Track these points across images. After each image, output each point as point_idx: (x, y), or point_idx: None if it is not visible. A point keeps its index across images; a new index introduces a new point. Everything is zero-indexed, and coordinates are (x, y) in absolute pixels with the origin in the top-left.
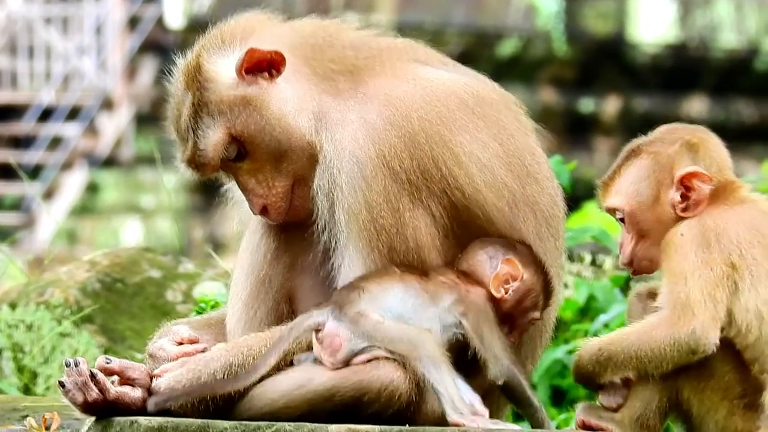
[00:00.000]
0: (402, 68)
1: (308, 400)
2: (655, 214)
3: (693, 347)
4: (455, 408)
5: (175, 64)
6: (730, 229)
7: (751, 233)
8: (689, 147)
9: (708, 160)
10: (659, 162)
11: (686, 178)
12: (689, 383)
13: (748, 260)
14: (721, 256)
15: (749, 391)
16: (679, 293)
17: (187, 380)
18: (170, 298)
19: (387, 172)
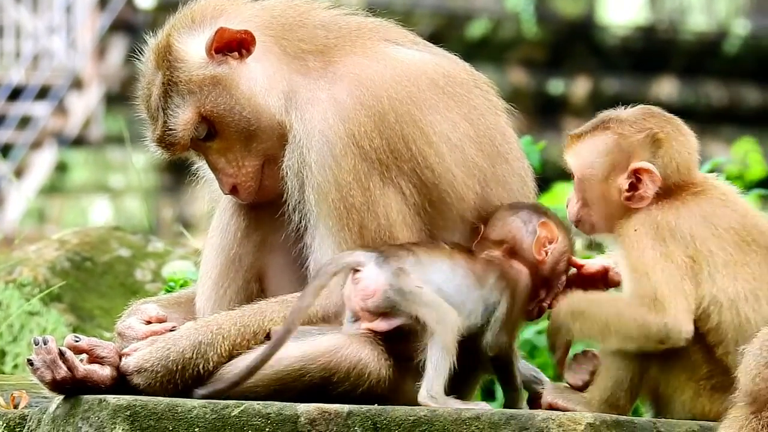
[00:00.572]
0: (372, 48)
1: (278, 380)
2: (601, 191)
3: (663, 338)
4: (430, 391)
5: (145, 44)
6: (683, 224)
7: (704, 226)
8: (653, 141)
9: (667, 159)
10: (621, 145)
11: (639, 171)
12: (657, 363)
13: (704, 253)
14: (679, 248)
15: (716, 372)
16: (645, 288)
17: (156, 359)
18: (139, 277)
19: (357, 151)
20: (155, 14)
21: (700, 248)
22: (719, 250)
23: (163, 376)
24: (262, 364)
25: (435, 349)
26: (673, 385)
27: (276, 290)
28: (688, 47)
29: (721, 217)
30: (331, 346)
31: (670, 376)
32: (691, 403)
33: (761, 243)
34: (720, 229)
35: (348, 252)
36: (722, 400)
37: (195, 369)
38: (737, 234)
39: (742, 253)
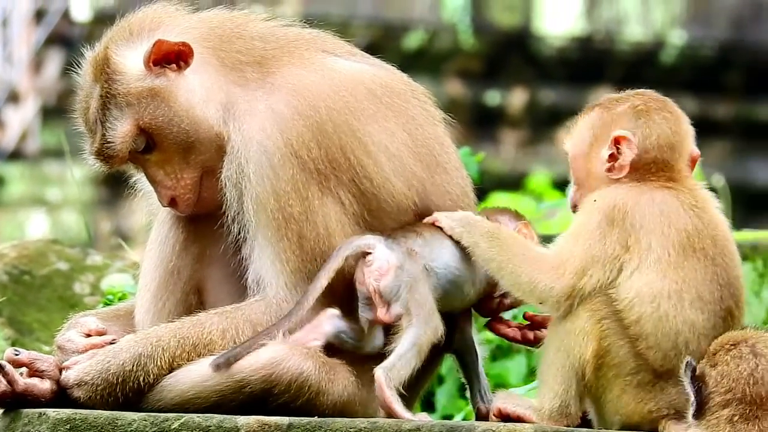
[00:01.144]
0: (310, 58)
1: (217, 392)
2: (588, 166)
3: (542, 298)
4: (389, 373)
5: (82, 57)
6: (639, 211)
7: (657, 221)
8: (635, 111)
9: (647, 130)
10: (603, 118)
11: (617, 139)
12: (591, 363)
13: (642, 245)
14: (620, 236)
15: (642, 368)
16: (565, 249)
17: (96, 372)
18: (78, 290)
19: (295, 161)
20: (91, 27)
21: (641, 239)
22: (658, 247)
23: (104, 389)
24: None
25: (408, 343)
26: (603, 384)
27: (215, 302)
28: (624, 57)
29: (679, 217)
30: (272, 358)
31: (600, 374)
32: (618, 401)
33: (708, 254)
34: (672, 228)
35: (355, 237)
36: (645, 401)
37: (135, 381)
38: (688, 238)
39: (683, 256)
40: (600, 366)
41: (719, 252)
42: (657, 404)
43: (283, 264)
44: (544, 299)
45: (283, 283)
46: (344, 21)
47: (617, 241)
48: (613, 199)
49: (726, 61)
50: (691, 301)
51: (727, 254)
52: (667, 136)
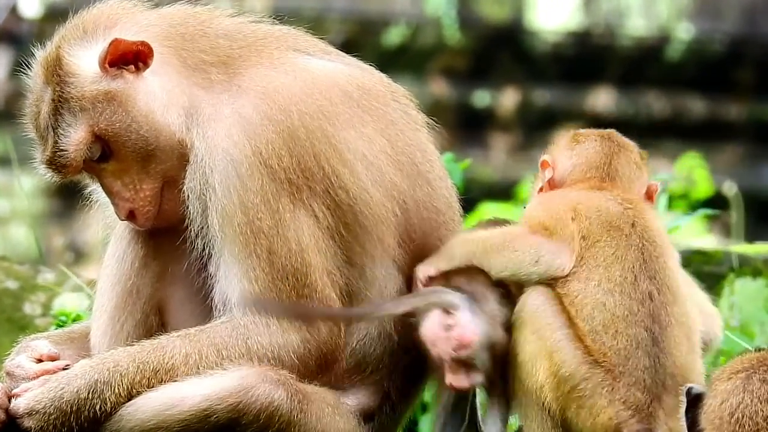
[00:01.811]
0: (280, 58)
1: (181, 421)
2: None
3: (538, 259)
4: None
5: (32, 56)
6: (570, 194)
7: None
8: (572, 138)
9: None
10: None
11: (541, 163)
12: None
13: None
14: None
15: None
16: (531, 218)
17: (48, 400)
18: (28, 311)
19: (264, 170)
20: (42, 24)
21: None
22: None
23: (57, 418)
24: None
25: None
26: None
27: (177, 324)
28: (626, 54)
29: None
30: (241, 386)
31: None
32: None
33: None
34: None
35: (433, 289)
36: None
37: (91, 410)
38: (607, 214)
39: (598, 233)
40: (557, 385)
41: (638, 234)
42: (614, 408)
43: (251, 282)
44: (540, 260)
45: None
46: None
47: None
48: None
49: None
50: (599, 281)
51: (650, 240)
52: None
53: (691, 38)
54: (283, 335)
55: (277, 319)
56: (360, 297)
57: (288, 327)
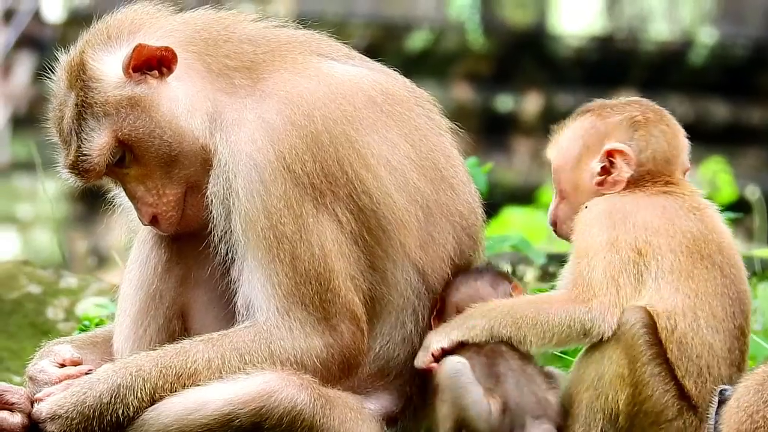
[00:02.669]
0: (304, 63)
1: (203, 425)
2: (574, 178)
3: (586, 328)
4: None
5: (55, 61)
6: (639, 212)
7: (660, 220)
8: (631, 123)
9: (644, 144)
10: (596, 127)
11: (612, 152)
12: (625, 410)
13: (654, 248)
14: (627, 239)
15: (684, 410)
16: (582, 271)
17: (71, 404)
18: (51, 316)
19: (288, 175)
20: (65, 29)
21: (650, 240)
22: (668, 251)
23: (79, 423)
24: None
25: None
26: (637, 431)
27: (200, 328)
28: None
29: (681, 218)
30: (263, 390)
31: (636, 422)
32: None
33: (715, 261)
34: (677, 228)
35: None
36: None
37: (114, 415)
38: (693, 241)
39: (691, 264)
40: (636, 413)
41: (727, 261)
42: None
43: (274, 287)
44: (587, 328)
45: (274, 307)
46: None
47: (628, 245)
48: (608, 204)
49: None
50: (706, 320)
51: (735, 265)
52: (664, 151)
53: (714, 42)
54: (306, 340)
55: (300, 324)
56: (383, 302)
57: (311, 332)
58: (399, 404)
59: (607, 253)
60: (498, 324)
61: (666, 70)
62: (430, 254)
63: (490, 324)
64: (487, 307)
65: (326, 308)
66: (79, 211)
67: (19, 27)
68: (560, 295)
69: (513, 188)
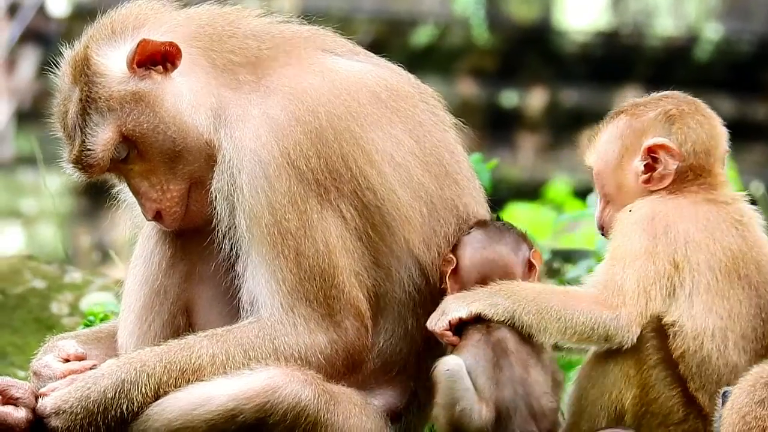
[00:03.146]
0: (308, 59)
1: (207, 420)
2: (618, 179)
3: (609, 334)
4: None
5: (60, 56)
6: (681, 224)
7: (702, 235)
8: (667, 117)
9: (682, 137)
10: (632, 126)
11: (653, 148)
12: (631, 410)
13: (692, 264)
14: (666, 250)
15: (691, 417)
16: (615, 276)
17: (75, 399)
18: (55, 311)
19: (292, 171)
20: (70, 23)
21: (690, 255)
22: (707, 269)
23: (84, 418)
24: None
25: None
26: (644, 431)
27: (205, 324)
28: (654, 54)
29: (724, 233)
30: (268, 386)
31: (643, 422)
32: None
33: (753, 282)
34: (718, 246)
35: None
36: None
37: (118, 410)
38: (733, 260)
39: (729, 284)
40: (643, 414)
41: (763, 281)
42: None
43: (278, 283)
44: (611, 335)
45: (278, 303)
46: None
47: (666, 258)
48: (651, 209)
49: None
50: (735, 341)
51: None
52: (703, 142)
53: (719, 38)
54: (311, 336)
55: (305, 320)
56: (386, 298)
57: (315, 328)
58: (403, 400)
59: (644, 262)
60: (521, 309)
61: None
62: (432, 250)
63: (514, 307)
64: (514, 288)
65: (330, 304)
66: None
67: (24, 21)
68: (588, 294)
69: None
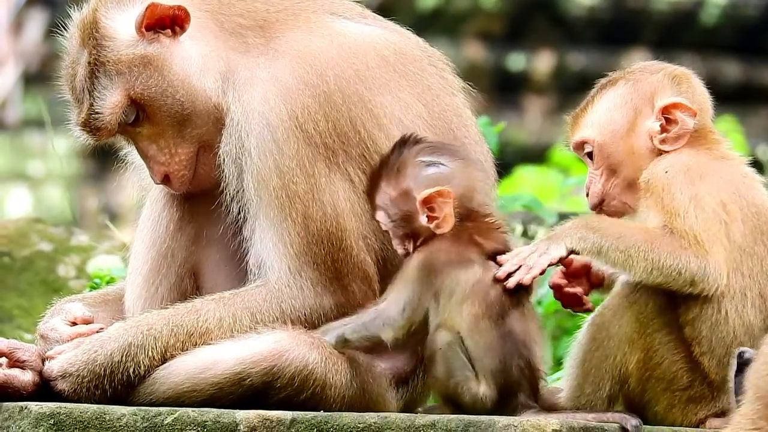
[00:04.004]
0: (317, 21)
1: (214, 384)
2: (629, 145)
3: (696, 280)
4: None
5: (68, 18)
6: (711, 176)
7: (730, 188)
8: (673, 78)
9: (691, 96)
10: (639, 90)
11: (669, 108)
12: (635, 373)
13: (731, 214)
14: (711, 196)
15: (695, 382)
16: (683, 227)
17: (82, 363)
18: (62, 273)
19: (300, 134)
20: None
21: (728, 205)
22: (740, 222)
23: (90, 381)
24: None
25: None
26: (648, 395)
27: (212, 287)
28: (661, 17)
29: (745, 188)
30: (275, 350)
31: (648, 386)
32: (664, 413)
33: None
34: (743, 199)
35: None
36: (695, 411)
37: (125, 373)
38: (757, 215)
39: (753, 240)
40: (647, 378)
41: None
42: (708, 411)
43: (286, 246)
44: (696, 281)
45: (286, 267)
46: None
47: (712, 200)
48: (682, 163)
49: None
50: (753, 299)
51: None
52: (704, 102)
53: (726, 2)
54: (317, 299)
55: (312, 283)
56: (394, 262)
57: (322, 291)
58: (410, 364)
59: (697, 210)
60: (609, 245)
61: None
62: None
63: (601, 242)
64: (596, 223)
65: (338, 268)
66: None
67: None
68: (670, 237)
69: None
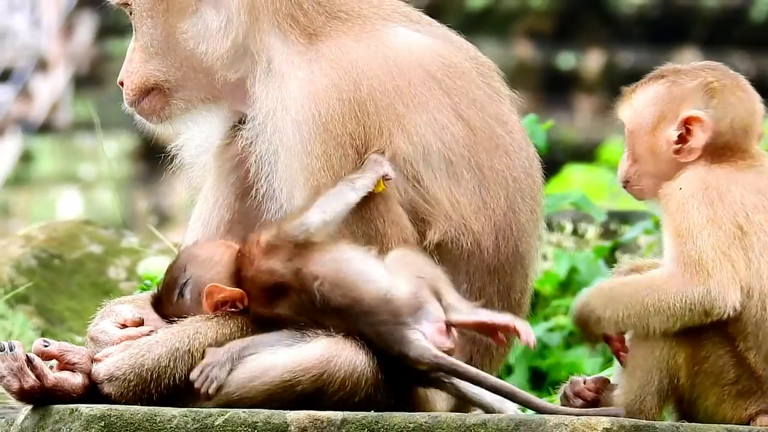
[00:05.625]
0: (364, 26)
1: (264, 391)
2: (650, 143)
3: (707, 308)
4: None
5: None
6: (734, 190)
7: (756, 197)
8: (706, 90)
9: (721, 111)
10: (672, 93)
11: (689, 120)
12: (685, 368)
13: (755, 225)
14: (727, 215)
15: (743, 377)
16: (690, 252)
17: (128, 366)
18: (112, 275)
19: (327, 136)
20: None
21: (752, 219)
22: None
23: (136, 385)
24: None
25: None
26: (698, 391)
27: None
28: (710, 15)
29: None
30: (322, 356)
31: (696, 380)
32: (714, 409)
33: None
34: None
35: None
36: (745, 407)
37: (171, 378)
38: None
39: None
40: (696, 372)
41: None
42: (758, 407)
43: None
44: (707, 309)
45: None
46: None
47: (729, 221)
48: (702, 181)
49: None
50: None
51: None
52: (742, 118)
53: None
54: None
55: None
56: None
57: None
58: (459, 359)
59: (711, 229)
60: (621, 314)
61: (727, 28)
62: (480, 220)
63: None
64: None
65: None
66: (140, 171)
67: None
68: (671, 275)
69: (574, 146)
